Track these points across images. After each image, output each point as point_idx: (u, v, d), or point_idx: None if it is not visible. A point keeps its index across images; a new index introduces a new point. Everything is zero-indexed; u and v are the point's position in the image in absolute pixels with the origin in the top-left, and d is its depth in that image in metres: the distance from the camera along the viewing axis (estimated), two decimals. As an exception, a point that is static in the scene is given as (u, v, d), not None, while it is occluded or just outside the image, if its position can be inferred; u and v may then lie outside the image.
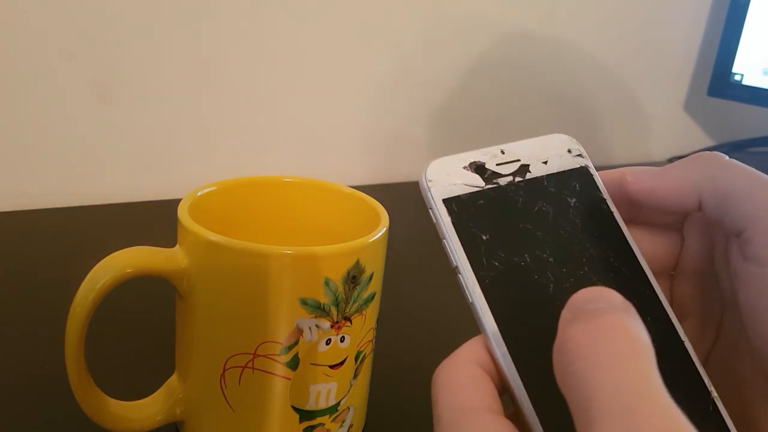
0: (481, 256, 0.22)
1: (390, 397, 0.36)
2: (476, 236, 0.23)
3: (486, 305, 0.22)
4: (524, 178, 0.25)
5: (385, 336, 0.34)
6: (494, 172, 0.24)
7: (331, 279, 0.27)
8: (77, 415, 0.29)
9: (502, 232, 0.23)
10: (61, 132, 0.58)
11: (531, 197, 0.24)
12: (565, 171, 0.25)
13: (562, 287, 0.23)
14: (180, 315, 0.30)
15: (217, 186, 0.33)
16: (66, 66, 0.56)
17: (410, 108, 0.75)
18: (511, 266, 0.23)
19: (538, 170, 0.25)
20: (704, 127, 1.03)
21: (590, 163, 0.26)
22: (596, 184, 0.26)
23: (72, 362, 0.27)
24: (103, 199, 0.60)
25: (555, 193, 0.25)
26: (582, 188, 0.25)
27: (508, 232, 0.23)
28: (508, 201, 0.24)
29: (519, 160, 0.25)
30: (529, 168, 0.25)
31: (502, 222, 0.23)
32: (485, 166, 0.24)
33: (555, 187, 0.25)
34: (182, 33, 0.60)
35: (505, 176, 0.24)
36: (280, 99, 0.67)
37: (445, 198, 0.23)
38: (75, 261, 0.32)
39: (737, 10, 0.84)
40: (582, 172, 0.26)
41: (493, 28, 0.78)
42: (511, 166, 0.25)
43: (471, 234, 0.23)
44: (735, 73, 0.85)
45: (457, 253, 0.22)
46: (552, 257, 0.23)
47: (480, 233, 0.23)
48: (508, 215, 0.24)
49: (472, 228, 0.23)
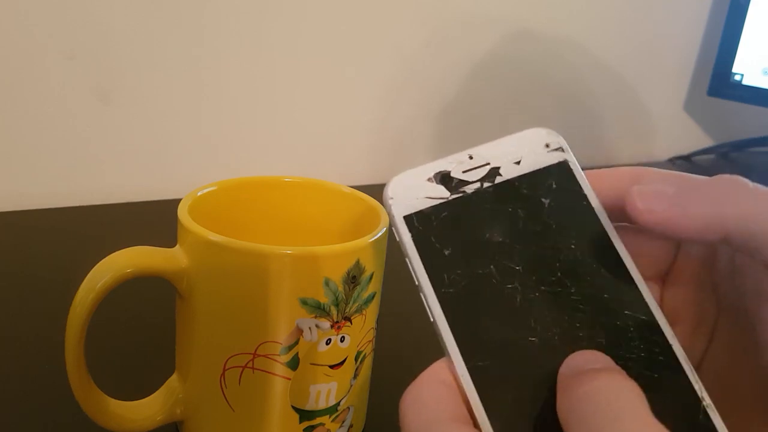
0: (443, 272, 0.21)
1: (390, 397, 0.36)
2: (438, 252, 0.22)
3: (446, 325, 0.21)
4: (494, 182, 0.23)
5: (385, 336, 0.34)
6: (461, 180, 0.23)
7: (331, 279, 0.27)
8: (77, 415, 0.29)
9: (467, 244, 0.22)
10: (61, 132, 0.58)
11: (501, 202, 0.23)
12: (540, 169, 0.24)
13: (531, 299, 0.22)
14: (180, 315, 0.30)
15: (217, 186, 0.33)
16: (66, 66, 0.56)
17: (413, 108, 0.75)
18: (474, 281, 0.21)
19: (510, 172, 0.23)
20: (704, 127, 1.03)
21: (571, 156, 0.24)
22: (576, 180, 0.24)
23: (72, 362, 0.27)
24: (103, 199, 0.60)
25: (528, 196, 0.23)
26: (559, 187, 0.23)
27: (474, 244, 0.22)
28: (474, 210, 0.22)
29: (489, 163, 0.23)
30: (500, 171, 0.23)
31: (468, 234, 0.22)
32: (450, 175, 0.23)
33: (528, 188, 0.23)
34: (182, 33, 0.60)
35: (472, 183, 0.23)
36: (281, 99, 0.67)
37: (406, 214, 0.22)
38: (75, 261, 0.32)
39: (737, 10, 0.84)
40: (560, 168, 0.24)
41: (495, 29, 0.78)
42: (480, 171, 0.23)
43: (433, 250, 0.22)
44: (735, 73, 0.85)
45: (418, 272, 0.21)
46: (521, 266, 0.22)
47: (442, 248, 0.22)
48: (474, 226, 0.22)
49: (434, 243, 0.22)
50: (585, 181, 0.24)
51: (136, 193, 0.61)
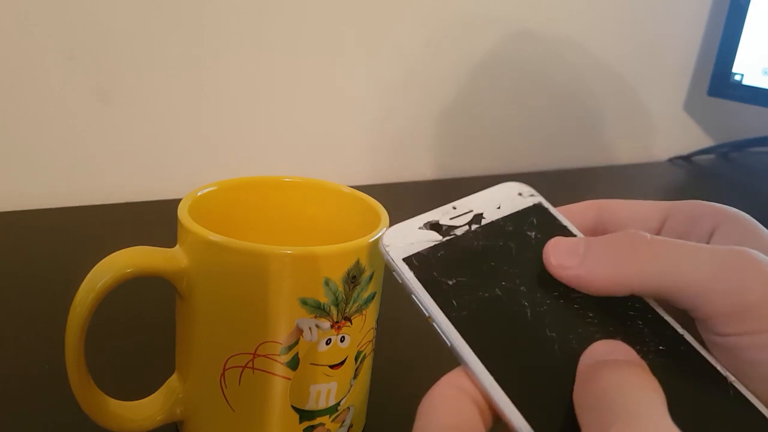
0: (451, 299, 0.23)
1: (390, 397, 0.36)
2: (442, 283, 0.23)
3: (465, 345, 0.22)
4: (480, 224, 0.25)
5: (385, 336, 0.34)
6: (449, 225, 0.25)
7: (331, 279, 0.27)
8: (77, 415, 0.29)
9: (468, 274, 0.23)
10: (61, 132, 0.58)
11: (491, 239, 0.25)
12: (519, 211, 0.26)
13: (539, 311, 0.23)
14: (180, 315, 0.30)
15: (217, 186, 0.33)
16: (66, 66, 0.56)
17: (413, 108, 0.75)
18: (482, 302, 0.23)
19: (493, 215, 0.26)
20: (704, 127, 1.03)
21: (544, 199, 0.27)
22: (553, 215, 0.26)
23: (72, 362, 0.27)
24: (103, 199, 0.60)
25: (514, 231, 0.25)
26: (540, 222, 0.26)
27: (474, 274, 0.24)
28: (468, 247, 0.24)
29: (471, 210, 0.26)
30: (483, 215, 0.26)
31: (466, 266, 0.24)
32: (439, 223, 0.25)
33: (513, 226, 0.25)
34: (182, 33, 0.60)
35: (460, 227, 0.25)
36: (281, 99, 0.67)
37: (405, 256, 0.24)
38: (75, 261, 0.32)
39: (737, 10, 0.84)
40: (537, 208, 0.26)
41: (494, 29, 0.78)
42: (465, 217, 0.25)
43: (436, 282, 0.23)
44: (735, 73, 0.85)
45: (427, 303, 0.22)
46: (523, 286, 0.23)
47: (446, 279, 0.23)
48: (471, 259, 0.24)
49: (436, 277, 0.23)
50: (561, 216, 0.26)
51: (136, 193, 0.61)
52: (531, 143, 0.86)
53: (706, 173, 0.97)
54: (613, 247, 0.23)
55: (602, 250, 0.23)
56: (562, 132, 0.89)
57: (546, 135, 0.87)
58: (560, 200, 0.28)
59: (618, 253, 0.22)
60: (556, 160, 0.89)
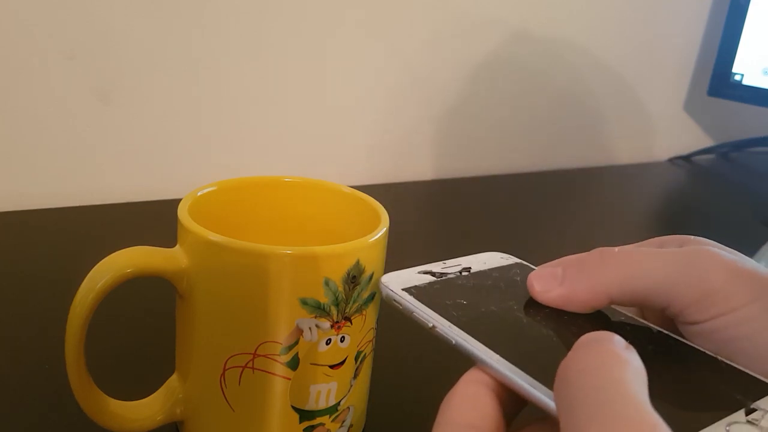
0: (451, 311, 0.25)
1: (390, 397, 0.36)
2: (441, 303, 0.26)
3: (469, 336, 0.23)
4: (470, 272, 0.29)
5: (385, 336, 0.34)
6: (442, 272, 0.28)
7: (331, 279, 0.27)
8: (77, 415, 0.29)
9: (464, 299, 0.26)
10: (61, 132, 0.58)
11: (480, 281, 0.28)
12: (504, 266, 0.30)
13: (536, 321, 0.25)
14: (180, 315, 0.30)
15: (217, 186, 0.33)
16: (66, 66, 0.56)
17: (413, 108, 0.75)
18: (481, 314, 0.25)
19: (480, 267, 0.29)
20: (704, 127, 1.03)
21: (525, 262, 0.30)
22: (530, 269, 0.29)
23: (72, 362, 0.27)
24: (103, 199, 0.60)
25: (500, 277, 0.29)
26: (523, 272, 0.29)
27: (470, 299, 0.26)
28: (460, 284, 0.28)
29: (460, 264, 0.29)
30: (471, 268, 0.29)
31: (462, 294, 0.27)
32: (432, 271, 0.28)
33: (499, 273, 0.29)
34: (182, 33, 0.60)
35: (452, 274, 0.28)
36: (281, 99, 0.67)
37: (404, 288, 0.27)
38: (75, 261, 0.32)
39: (737, 10, 0.84)
40: (519, 265, 0.30)
41: (494, 30, 0.78)
42: (456, 268, 0.29)
43: (436, 303, 0.26)
44: (735, 73, 0.86)
45: (428, 314, 0.25)
46: (516, 306, 0.26)
47: (444, 301, 0.26)
48: (465, 290, 0.27)
49: (435, 299, 0.26)
50: None
51: (136, 193, 0.61)
52: (531, 143, 0.86)
53: (706, 173, 0.97)
54: (586, 263, 0.26)
55: (577, 268, 0.26)
56: (562, 132, 0.89)
57: (546, 135, 0.87)
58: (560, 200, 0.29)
59: (592, 268, 0.25)
60: (556, 160, 0.89)
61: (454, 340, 0.23)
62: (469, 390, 0.22)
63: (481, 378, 0.22)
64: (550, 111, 0.87)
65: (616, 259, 0.25)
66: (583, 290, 0.25)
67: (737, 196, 0.85)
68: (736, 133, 1.03)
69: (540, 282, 0.26)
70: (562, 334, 0.24)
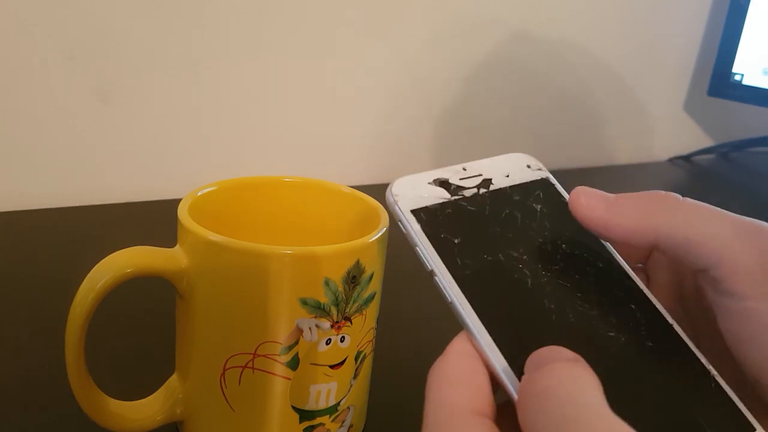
0: (455, 257, 0.23)
1: (390, 397, 0.36)
2: (448, 240, 0.23)
3: (465, 301, 0.22)
4: (488, 189, 0.26)
5: (385, 336, 0.34)
6: (458, 186, 0.25)
7: (331, 279, 0.27)
8: (77, 415, 0.29)
9: (473, 236, 0.24)
10: (61, 132, 0.58)
11: (497, 205, 0.25)
12: (527, 182, 0.26)
13: (539, 281, 0.23)
14: (180, 315, 0.30)
15: (217, 186, 0.33)
16: (66, 66, 0.56)
17: (413, 109, 0.75)
18: (485, 264, 0.23)
19: (501, 182, 0.26)
20: (704, 127, 1.03)
21: (550, 175, 0.27)
22: (559, 192, 0.27)
23: (72, 362, 0.27)
24: (103, 199, 0.60)
25: (520, 201, 0.26)
26: (545, 197, 0.26)
27: (479, 236, 0.24)
28: (475, 209, 0.25)
29: (481, 174, 0.26)
30: (492, 181, 0.26)
31: (472, 227, 0.24)
32: (449, 181, 0.25)
33: (519, 196, 0.26)
34: (182, 33, 0.60)
35: (469, 188, 0.25)
36: (281, 99, 0.67)
37: (413, 209, 0.24)
38: (75, 261, 0.32)
39: (737, 10, 0.84)
40: (544, 183, 0.27)
41: (494, 30, 0.78)
42: (474, 180, 0.26)
43: (442, 239, 0.23)
44: (735, 73, 0.85)
45: (430, 257, 0.23)
46: (525, 255, 0.24)
47: (451, 237, 0.23)
48: (477, 222, 0.24)
49: (442, 234, 0.23)
50: (565, 193, 0.27)
51: (136, 193, 0.61)
52: (531, 143, 0.86)
53: (706, 173, 0.97)
54: (644, 199, 0.23)
55: (632, 200, 0.23)
56: (562, 132, 0.89)
57: (546, 135, 0.87)
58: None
59: (648, 204, 0.23)
60: (556, 160, 0.89)
61: (450, 299, 0.22)
62: (464, 365, 0.21)
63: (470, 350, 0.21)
64: (550, 111, 0.87)
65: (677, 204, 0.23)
66: (629, 221, 0.23)
67: (737, 196, 0.85)
68: (736, 133, 1.03)
69: (587, 196, 0.24)
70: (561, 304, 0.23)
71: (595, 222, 0.24)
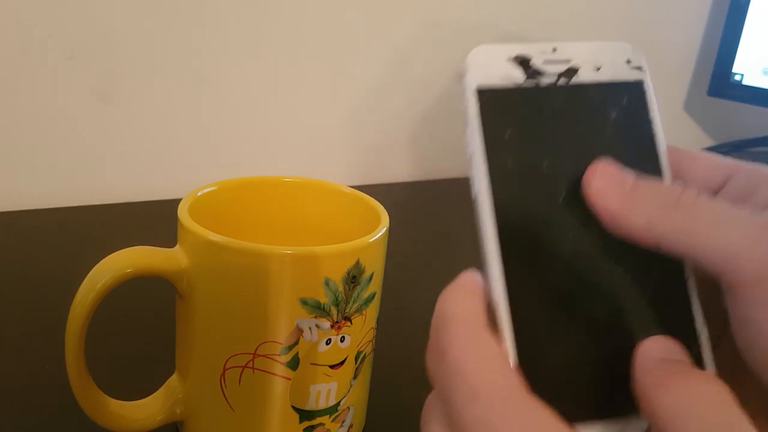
0: (499, 151, 0.21)
1: (390, 397, 0.36)
2: (500, 130, 0.22)
3: (488, 200, 0.21)
4: (569, 81, 0.23)
5: (385, 336, 0.34)
6: (539, 70, 0.23)
7: (331, 279, 0.27)
8: (77, 415, 0.29)
9: (529, 133, 0.22)
10: (61, 132, 0.58)
11: (569, 103, 0.23)
12: (617, 82, 0.23)
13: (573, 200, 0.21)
14: (180, 315, 0.30)
15: (217, 186, 0.33)
16: (66, 66, 0.56)
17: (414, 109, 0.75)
18: (526, 168, 0.21)
19: (587, 76, 0.23)
20: (704, 127, 1.03)
21: (648, 79, 0.24)
22: (646, 103, 0.24)
23: (72, 362, 0.27)
24: (103, 199, 0.60)
25: (597, 105, 0.23)
26: (629, 105, 0.23)
27: (535, 135, 0.22)
28: (544, 103, 0.22)
29: (569, 60, 0.23)
30: (578, 72, 0.23)
31: (532, 123, 0.22)
32: (531, 62, 0.23)
33: (599, 97, 0.23)
34: (183, 33, 0.60)
35: (549, 75, 0.23)
36: (281, 99, 0.67)
37: (480, 87, 0.22)
38: (75, 261, 0.32)
39: (737, 10, 0.84)
40: (635, 87, 0.23)
41: (495, 30, 0.78)
42: (560, 66, 0.23)
43: (495, 127, 0.21)
44: (735, 73, 0.85)
45: (473, 142, 0.21)
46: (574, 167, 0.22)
47: (505, 128, 0.22)
48: (540, 117, 0.22)
49: (498, 122, 0.22)
50: (654, 106, 0.24)
51: (136, 193, 0.61)
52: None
53: (706, 173, 0.97)
54: (660, 195, 0.21)
55: (648, 194, 0.21)
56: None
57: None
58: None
59: (663, 203, 0.21)
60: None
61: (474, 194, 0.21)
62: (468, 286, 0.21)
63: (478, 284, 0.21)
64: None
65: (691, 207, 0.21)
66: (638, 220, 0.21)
67: (737, 196, 0.84)
68: (736, 133, 1.03)
69: (603, 179, 0.22)
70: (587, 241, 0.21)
71: (603, 213, 0.21)
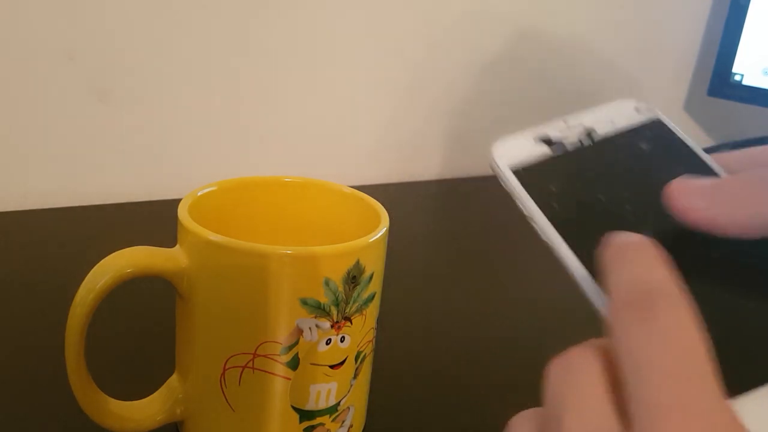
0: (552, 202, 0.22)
1: (390, 397, 0.36)
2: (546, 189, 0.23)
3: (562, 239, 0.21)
4: (593, 140, 0.24)
5: (385, 336, 0.34)
6: (560, 140, 0.24)
7: (331, 279, 0.27)
8: (77, 415, 0.29)
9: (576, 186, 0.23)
10: (61, 132, 0.58)
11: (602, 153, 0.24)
12: (635, 125, 0.25)
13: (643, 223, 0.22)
14: (180, 315, 0.30)
15: (217, 186, 0.33)
16: (66, 66, 0.56)
17: (415, 109, 0.75)
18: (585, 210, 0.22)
19: (606, 130, 0.24)
20: (704, 127, 1.03)
21: (663, 115, 0.25)
22: (672, 131, 0.25)
23: (72, 362, 0.27)
24: (103, 199, 0.60)
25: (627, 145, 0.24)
26: (656, 136, 0.24)
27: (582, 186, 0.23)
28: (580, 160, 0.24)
29: (582, 124, 0.25)
30: (596, 130, 0.24)
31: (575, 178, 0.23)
32: (550, 137, 0.24)
33: (625, 140, 0.24)
34: (183, 32, 0.60)
35: (571, 142, 0.24)
36: (281, 99, 0.67)
37: (514, 168, 0.23)
38: (75, 261, 0.32)
39: (737, 10, 0.84)
40: (655, 124, 0.25)
41: (495, 30, 0.78)
42: (576, 130, 0.24)
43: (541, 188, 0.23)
44: (735, 73, 0.85)
45: (526, 203, 0.22)
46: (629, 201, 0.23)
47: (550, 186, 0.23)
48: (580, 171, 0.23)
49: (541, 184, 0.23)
50: (680, 132, 0.25)
51: (136, 193, 0.61)
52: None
53: (706, 173, 0.97)
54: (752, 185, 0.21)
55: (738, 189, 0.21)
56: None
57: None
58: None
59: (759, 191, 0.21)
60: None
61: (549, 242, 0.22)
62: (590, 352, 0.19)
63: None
64: (551, 111, 0.86)
65: None
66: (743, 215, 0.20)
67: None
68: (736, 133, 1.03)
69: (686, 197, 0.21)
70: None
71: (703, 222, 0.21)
